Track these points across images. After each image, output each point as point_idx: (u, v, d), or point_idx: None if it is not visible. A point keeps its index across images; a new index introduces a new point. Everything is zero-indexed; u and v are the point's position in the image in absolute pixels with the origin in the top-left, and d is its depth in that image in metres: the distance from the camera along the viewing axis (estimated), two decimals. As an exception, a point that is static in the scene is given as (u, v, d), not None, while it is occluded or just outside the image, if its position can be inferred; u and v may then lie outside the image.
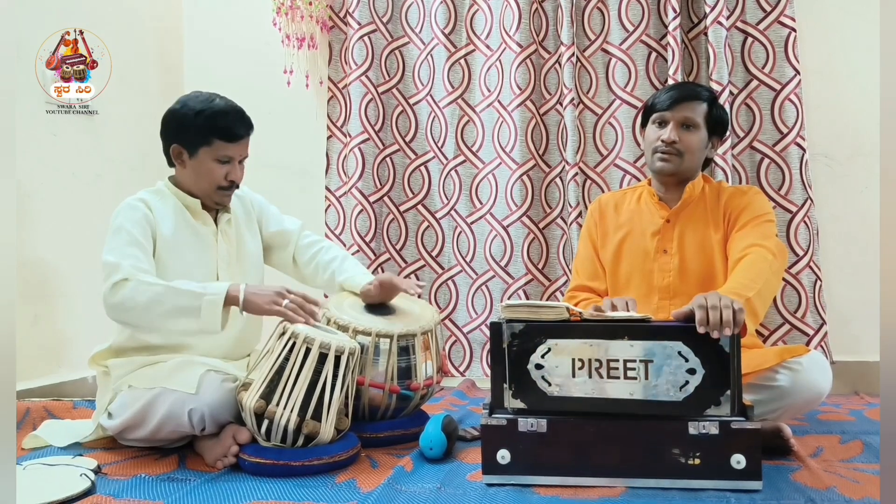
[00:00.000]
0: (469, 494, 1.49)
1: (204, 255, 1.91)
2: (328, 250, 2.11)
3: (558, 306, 1.55)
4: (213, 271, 1.91)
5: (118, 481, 1.59)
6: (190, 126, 1.84)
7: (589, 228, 2.03)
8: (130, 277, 1.71)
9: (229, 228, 1.98)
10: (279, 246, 2.10)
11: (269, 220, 2.10)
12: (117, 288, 1.71)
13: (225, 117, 1.85)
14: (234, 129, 1.85)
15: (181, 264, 1.85)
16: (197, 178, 1.89)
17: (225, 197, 1.93)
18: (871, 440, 1.83)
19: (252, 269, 2.01)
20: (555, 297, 2.74)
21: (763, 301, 1.66)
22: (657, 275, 1.88)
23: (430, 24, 2.84)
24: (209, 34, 3.06)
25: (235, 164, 1.89)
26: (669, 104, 1.85)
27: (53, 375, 2.45)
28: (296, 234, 2.11)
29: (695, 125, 1.84)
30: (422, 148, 2.88)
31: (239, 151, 1.89)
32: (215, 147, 1.85)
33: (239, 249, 1.99)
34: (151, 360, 1.84)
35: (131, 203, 1.85)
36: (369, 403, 1.86)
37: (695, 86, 2.03)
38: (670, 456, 1.48)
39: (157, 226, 1.84)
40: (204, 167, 1.87)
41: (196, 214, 1.92)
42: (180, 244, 1.87)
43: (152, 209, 1.86)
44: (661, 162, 1.86)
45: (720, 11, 2.51)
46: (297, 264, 2.11)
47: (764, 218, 1.82)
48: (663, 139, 1.84)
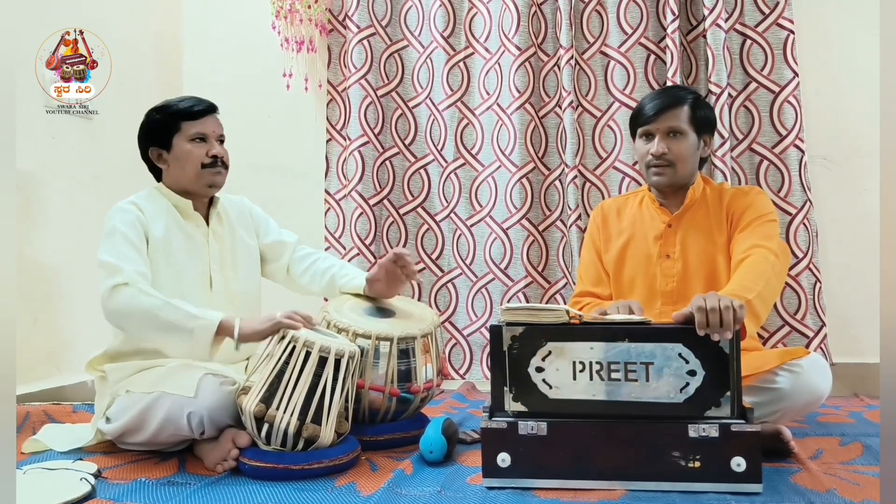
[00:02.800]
0: (469, 498, 1.48)
1: (196, 256, 1.90)
2: (325, 259, 2.11)
3: (558, 309, 1.55)
4: (206, 273, 1.91)
5: (118, 485, 1.59)
6: (155, 123, 1.90)
7: (592, 234, 2.03)
8: (130, 283, 1.72)
9: (220, 228, 1.98)
10: (274, 258, 2.10)
11: (268, 230, 2.10)
12: (116, 291, 1.71)
13: (183, 101, 1.92)
14: (193, 106, 1.91)
15: (173, 266, 1.85)
16: (181, 168, 1.90)
17: (215, 175, 1.92)
18: (870, 442, 1.83)
19: (247, 266, 2.01)
20: (554, 300, 2.74)
21: (764, 302, 1.66)
22: (660, 279, 1.89)
23: (429, 28, 2.84)
24: (208, 38, 3.07)
25: (213, 142, 1.91)
26: (652, 116, 1.83)
27: (53, 379, 2.44)
28: (291, 247, 2.11)
29: (681, 132, 1.83)
30: (421, 151, 2.88)
31: (209, 127, 1.91)
32: (184, 129, 1.89)
33: (233, 247, 1.98)
34: (148, 365, 1.84)
35: (122, 206, 1.86)
36: (369, 406, 1.85)
37: (674, 90, 1.98)
38: (670, 459, 1.48)
39: (148, 227, 1.85)
40: (182, 153, 1.89)
41: (187, 216, 1.92)
42: (172, 246, 1.87)
43: (143, 211, 1.86)
44: (656, 177, 1.86)
45: (719, 14, 2.52)
46: (291, 274, 2.10)
47: (766, 218, 1.82)
48: (653, 153, 1.83)
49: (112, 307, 1.72)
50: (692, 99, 1.87)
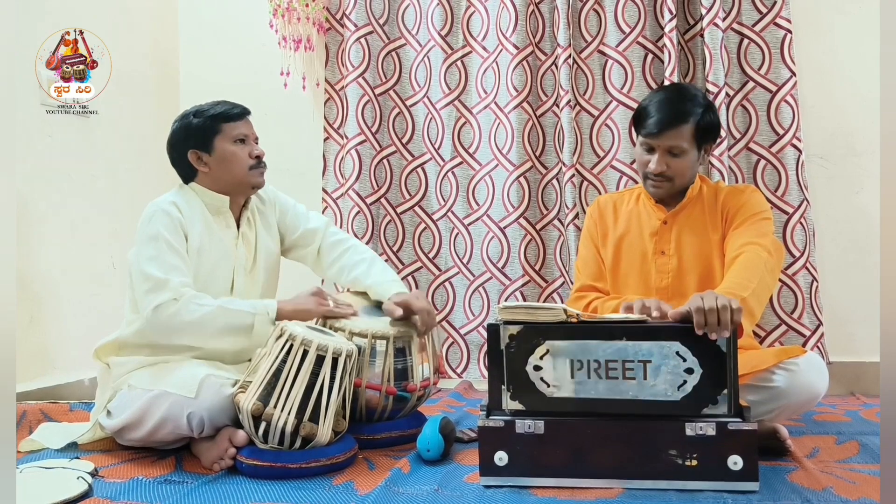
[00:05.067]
0: (466, 496, 1.49)
1: (223, 261, 1.92)
2: (355, 250, 2.09)
3: (555, 308, 1.55)
4: (230, 276, 1.92)
5: (115, 484, 1.59)
6: (195, 126, 1.91)
7: (589, 229, 2.04)
8: (179, 297, 1.74)
9: (249, 231, 1.99)
10: (303, 245, 2.11)
11: (296, 220, 2.10)
12: (165, 307, 1.73)
13: (219, 105, 1.95)
14: (231, 109, 1.94)
15: (203, 270, 1.86)
16: (227, 169, 1.91)
17: (259, 176, 1.96)
18: (867, 441, 1.83)
19: (266, 271, 2.02)
20: (552, 299, 2.74)
21: (758, 300, 1.67)
22: (655, 276, 1.89)
23: (427, 26, 2.84)
24: (206, 36, 3.06)
25: (252, 143, 1.95)
26: (656, 131, 1.79)
27: (49, 378, 2.44)
28: (321, 232, 2.11)
29: (682, 151, 1.81)
30: (419, 150, 2.88)
31: (248, 129, 1.96)
32: (226, 131, 1.91)
33: (257, 253, 2.00)
34: (153, 360, 1.84)
35: (164, 208, 1.84)
36: (366, 405, 1.85)
37: (682, 103, 1.81)
38: (667, 457, 1.48)
39: (188, 230, 1.86)
40: (227, 154, 1.91)
41: (220, 214, 1.93)
42: (204, 250, 1.88)
43: (182, 213, 1.86)
44: (653, 188, 1.87)
45: (716, 13, 2.52)
46: (322, 263, 2.11)
47: (760, 216, 1.82)
48: (652, 171, 1.83)
49: (160, 322, 1.74)
50: (699, 114, 1.80)
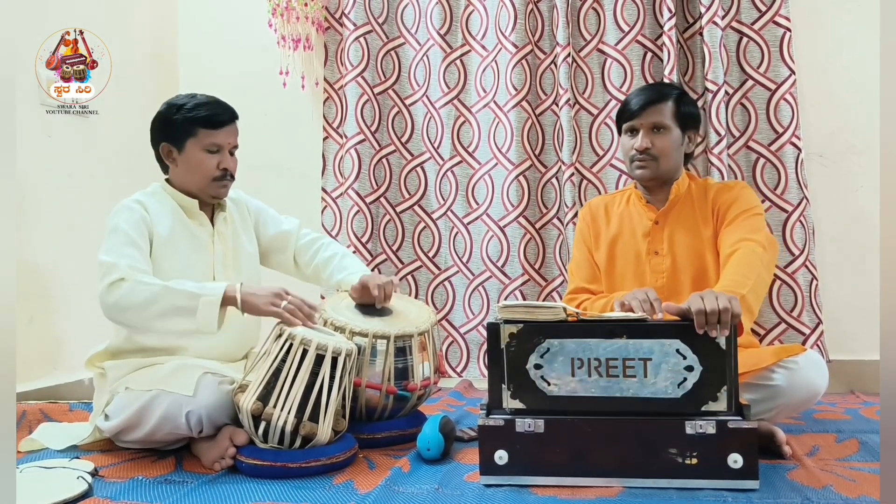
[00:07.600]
0: (466, 495, 1.49)
1: (200, 255, 1.90)
2: (327, 247, 2.10)
3: (555, 306, 1.55)
4: (210, 272, 1.91)
5: (115, 484, 1.59)
6: (174, 121, 1.87)
7: (582, 232, 2.05)
8: (127, 277, 1.71)
9: (225, 229, 1.97)
10: (279, 249, 2.10)
11: (268, 223, 2.09)
12: (113, 287, 1.71)
13: (205, 106, 1.88)
14: (215, 116, 1.88)
15: (178, 265, 1.84)
16: (189, 173, 1.89)
17: (221, 188, 1.92)
18: (866, 439, 1.83)
19: (248, 269, 2.01)
20: (551, 298, 2.74)
21: (756, 296, 1.69)
22: (650, 276, 1.89)
23: (426, 25, 2.84)
24: (205, 36, 3.06)
25: (225, 154, 1.90)
26: (636, 111, 1.86)
27: (49, 378, 2.44)
28: (294, 235, 2.11)
29: (665, 127, 1.85)
30: (418, 149, 2.88)
31: (226, 139, 1.89)
32: (201, 136, 1.86)
33: (235, 250, 1.98)
34: (148, 363, 1.84)
35: (127, 204, 1.85)
36: (366, 404, 1.85)
37: (659, 86, 2.05)
38: (667, 456, 1.48)
39: (153, 226, 1.84)
40: (194, 159, 1.87)
41: (192, 215, 1.92)
42: (177, 245, 1.87)
43: (148, 210, 1.85)
44: (639, 170, 1.88)
45: (715, 11, 2.52)
46: (299, 265, 2.11)
47: (752, 212, 1.83)
48: (636, 148, 1.86)
49: (110, 303, 1.72)
50: (676, 94, 1.90)
